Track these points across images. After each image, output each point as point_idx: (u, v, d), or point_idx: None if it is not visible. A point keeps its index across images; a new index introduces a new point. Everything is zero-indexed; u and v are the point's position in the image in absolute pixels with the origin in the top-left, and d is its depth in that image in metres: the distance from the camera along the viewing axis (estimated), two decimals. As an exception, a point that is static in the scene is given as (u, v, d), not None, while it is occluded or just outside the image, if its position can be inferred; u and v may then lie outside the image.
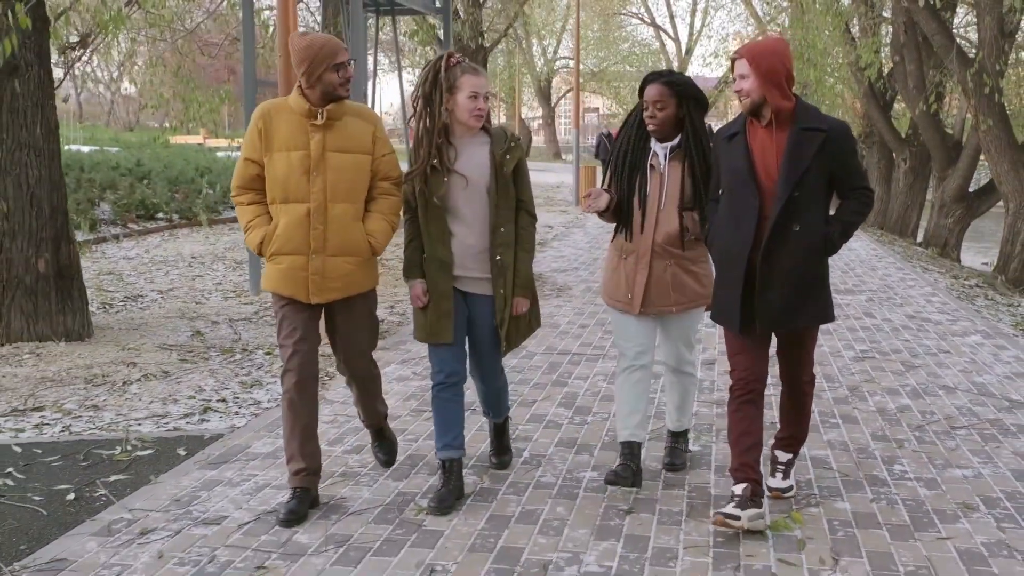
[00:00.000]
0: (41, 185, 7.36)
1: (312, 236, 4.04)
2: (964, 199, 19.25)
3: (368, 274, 4.20)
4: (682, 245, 4.33)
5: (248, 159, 4.10)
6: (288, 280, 4.08)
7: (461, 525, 4.07)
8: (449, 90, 4.09)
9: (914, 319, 8.71)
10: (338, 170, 4.05)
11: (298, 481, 4.14)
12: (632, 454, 4.43)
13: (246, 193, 4.15)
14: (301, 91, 4.06)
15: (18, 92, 7.16)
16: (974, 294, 11.17)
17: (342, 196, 4.07)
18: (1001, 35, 15.31)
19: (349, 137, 4.09)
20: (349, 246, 4.10)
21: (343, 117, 4.09)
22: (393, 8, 11.29)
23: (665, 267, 4.34)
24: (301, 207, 4.03)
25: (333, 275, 4.08)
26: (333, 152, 4.05)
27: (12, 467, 4.83)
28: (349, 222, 4.09)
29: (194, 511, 4.22)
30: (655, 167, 4.32)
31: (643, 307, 4.38)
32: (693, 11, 50.23)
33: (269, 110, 4.10)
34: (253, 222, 4.13)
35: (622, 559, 3.76)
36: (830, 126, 3.90)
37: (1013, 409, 5.78)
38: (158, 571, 3.62)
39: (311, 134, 4.03)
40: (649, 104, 4.25)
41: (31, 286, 7.35)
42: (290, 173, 4.02)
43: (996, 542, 3.90)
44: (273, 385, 6.34)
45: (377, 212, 4.19)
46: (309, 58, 3.98)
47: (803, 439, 4.40)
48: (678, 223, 4.31)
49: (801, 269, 3.93)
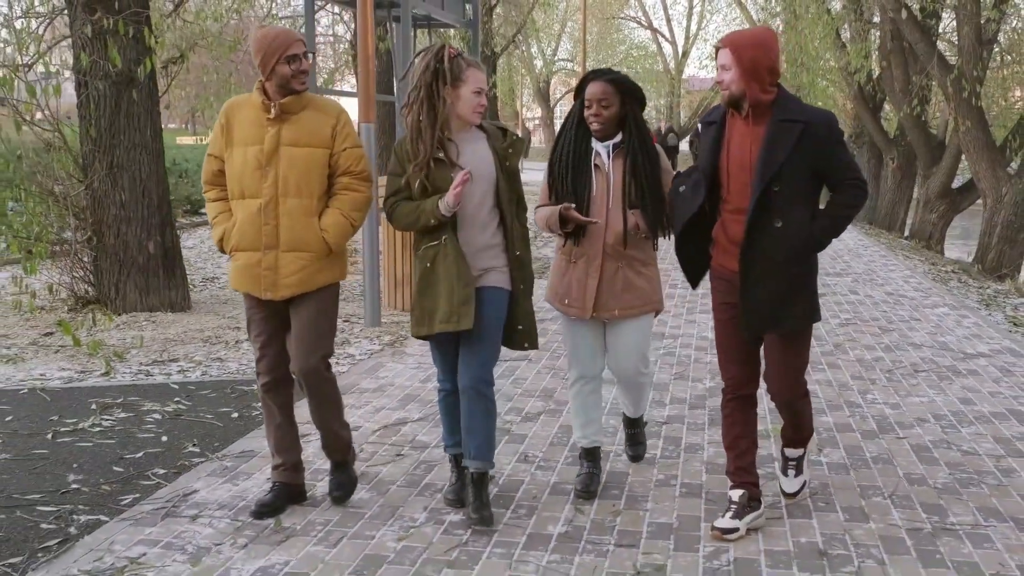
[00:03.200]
0: (151, 179, 8.68)
1: (264, 232, 3.97)
2: (947, 195, 20.58)
3: (326, 270, 4.09)
4: (624, 243, 4.21)
5: (210, 155, 4.10)
6: (244, 276, 4.05)
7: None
8: (453, 82, 3.92)
9: (892, 295, 10.07)
10: (290, 164, 3.95)
11: (276, 475, 4.22)
12: (595, 459, 4.49)
13: (212, 189, 4.14)
14: (261, 85, 4.01)
15: (135, 100, 8.47)
16: (948, 277, 12.54)
17: (293, 191, 3.97)
18: (979, 43, 16.65)
19: (305, 131, 3.98)
20: (301, 242, 3.99)
21: (301, 111, 4.00)
22: (429, 22, 12.61)
23: (616, 269, 4.23)
24: (254, 202, 3.98)
25: (286, 271, 3.99)
26: (287, 146, 3.96)
27: (178, 398, 6.14)
28: (301, 217, 3.98)
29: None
30: (599, 167, 4.19)
31: (595, 311, 4.25)
32: (689, 15, 51.22)
33: (233, 105, 4.08)
34: (217, 218, 4.11)
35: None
36: (809, 117, 3.70)
37: (966, 359, 7.13)
38: (321, 460, 4.94)
39: (267, 128, 3.96)
40: (593, 102, 4.12)
41: (143, 265, 8.67)
42: (245, 168, 3.97)
43: (939, 440, 5.24)
44: (358, 343, 7.67)
45: (334, 207, 4.06)
46: (262, 50, 3.92)
47: (809, 436, 4.29)
48: (625, 222, 4.20)
49: (786, 267, 3.76)
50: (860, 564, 3.73)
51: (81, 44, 8.33)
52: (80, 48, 8.33)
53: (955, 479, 4.64)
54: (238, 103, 4.06)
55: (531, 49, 48.96)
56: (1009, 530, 4.03)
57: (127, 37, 8.13)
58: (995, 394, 6.14)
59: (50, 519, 4.19)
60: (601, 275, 4.22)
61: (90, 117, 8.46)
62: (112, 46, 7.98)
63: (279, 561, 3.74)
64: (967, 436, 5.29)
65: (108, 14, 8.09)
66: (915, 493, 4.45)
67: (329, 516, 4.18)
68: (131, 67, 8.35)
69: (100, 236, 8.56)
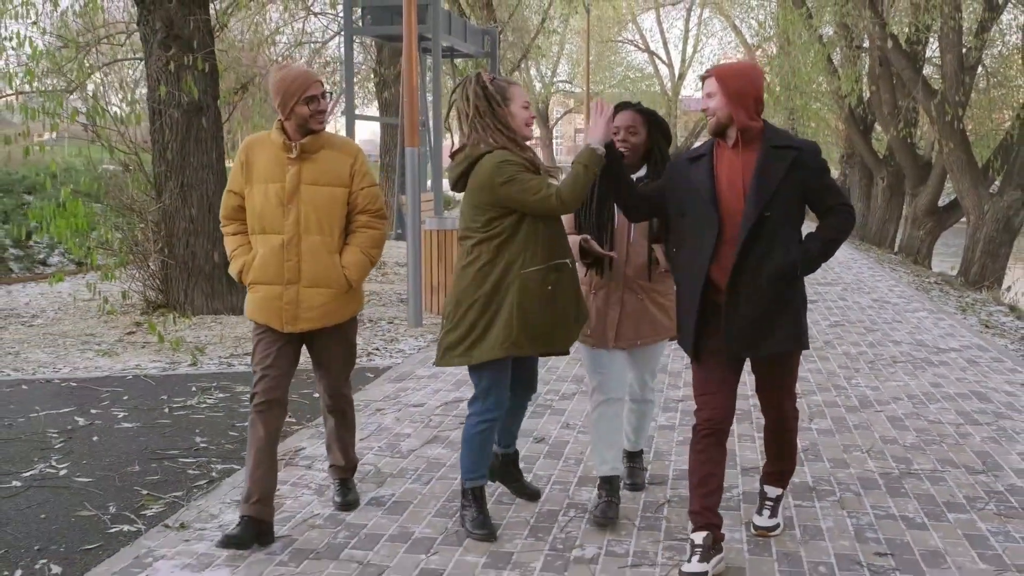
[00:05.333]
0: (216, 196, 9.73)
1: (286, 267, 4.09)
2: (934, 213, 21.70)
3: (345, 305, 4.24)
4: (650, 276, 4.31)
5: (230, 191, 4.21)
6: (264, 309, 4.14)
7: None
8: (504, 102, 4.01)
9: (877, 301, 11.16)
10: (311, 203, 4.08)
11: (245, 509, 4.10)
12: (613, 488, 4.40)
13: (231, 223, 4.24)
14: (280, 124, 4.12)
15: (203, 126, 9.55)
16: (930, 287, 13.64)
17: (315, 228, 4.10)
18: (961, 69, 17.79)
19: (324, 170, 4.11)
20: (323, 278, 4.12)
21: (320, 150, 4.13)
22: (452, 53, 13.77)
23: (637, 300, 4.31)
24: (276, 238, 4.09)
25: (306, 305, 4.12)
26: (308, 185, 4.09)
27: (263, 382, 7.18)
28: (323, 254, 4.12)
29: (402, 398, 6.59)
30: None
31: (616, 341, 4.33)
32: (685, 38, 52.48)
33: (252, 143, 4.18)
34: (235, 252, 4.21)
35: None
36: (800, 144, 3.79)
37: (939, 353, 8.20)
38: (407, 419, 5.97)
39: (287, 167, 4.08)
40: (621, 129, 4.21)
41: (209, 273, 9.72)
42: (266, 205, 4.08)
43: (910, 413, 6.29)
44: (405, 340, 8.72)
45: (354, 245, 4.20)
46: (281, 91, 4.02)
47: (791, 472, 4.26)
48: (647, 255, 4.28)
49: (770, 292, 3.76)
50: (841, 495, 4.77)
51: (156, 77, 9.41)
52: (156, 80, 9.41)
53: (920, 439, 5.69)
54: (257, 141, 4.18)
55: (531, 72, 50.17)
56: (960, 474, 5.07)
57: (198, 71, 9.21)
58: (961, 379, 7.20)
59: (193, 467, 5.23)
60: (622, 307, 4.31)
61: (164, 142, 9.53)
62: (188, 79, 9.05)
63: (386, 494, 4.77)
64: (934, 410, 6.34)
65: (184, 51, 9.17)
66: (887, 449, 5.50)
67: (425, 490, 5.22)
68: (200, 97, 9.43)
69: (171, 247, 9.62)
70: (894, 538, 4.21)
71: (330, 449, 4.61)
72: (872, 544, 4.15)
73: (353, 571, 3.88)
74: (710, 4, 43.79)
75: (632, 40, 54.75)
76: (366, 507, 4.59)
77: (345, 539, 4.20)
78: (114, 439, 5.73)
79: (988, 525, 4.36)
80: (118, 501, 4.71)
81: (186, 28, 9.34)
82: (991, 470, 5.12)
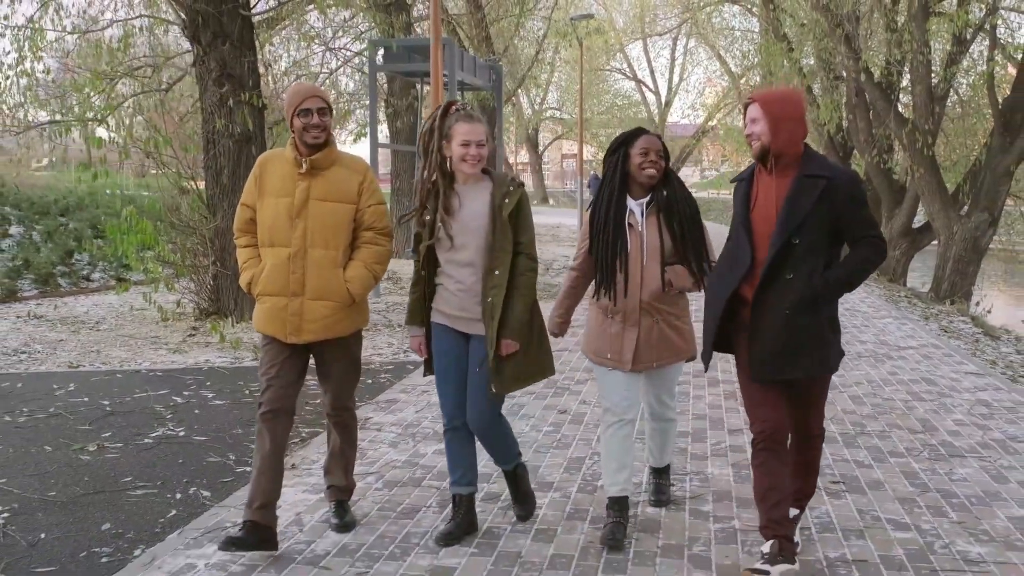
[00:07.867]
0: (261, 216, 10.93)
1: (292, 279, 4.17)
2: (908, 234, 23.00)
3: (348, 318, 4.31)
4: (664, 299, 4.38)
5: (243, 204, 4.32)
6: (270, 320, 4.22)
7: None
8: (445, 137, 4.14)
9: (849, 310, 12.47)
10: (319, 218, 4.17)
11: (249, 514, 4.15)
12: (623, 509, 4.44)
13: (243, 236, 4.34)
14: (293, 141, 4.24)
15: (252, 154, 10.81)
16: (899, 300, 14.96)
17: (320, 242, 4.18)
18: (931, 100, 19.16)
19: (334, 187, 4.21)
20: (326, 291, 4.20)
21: (331, 167, 4.23)
22: (463, 87, 15.10)
23: (652, 324, 4.37)
24: (284, 251, 4.18)
25: (310, 317, 4.20)
26: (316, 200, 4.18)
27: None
28: (327, 267, 4.20)
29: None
30: (633, 225, 4.30)
31: (633, 365, 4.39)
32: (672, 67, 54.20)
33: (267, 159, 4.31)
34: (246, 263, 4.31)
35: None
36: (834, 173, 3.80)
37: (900, 350, 9.49)
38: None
39: (297, 182, 4.19)
40: (651, 151, 4.27)
41: (256, 283, 10.89)
42: (276, 218, 4.18)
43: (868, 393, 7.56)
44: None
45: (359, 260, 4.28)
46: (285, 106, 4.19)
47: (811, 493, 4.28)
48: (661, 279, 4.33)
49: (793, 318, 3.78)
50: (807, 447, 6.02)
51: (211, 110, 10.67)
52: (210, 113, 10.67)
53: (874, 410, 6.95)
54: (271, 156, 4.32)
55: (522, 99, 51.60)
56: (904, 434, 6.34)
57: (251, 105, 10.49)
58: (915, 369, 8.48)
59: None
60: (639, 330, 4.38)
61: (217, 167, 10.78)
62: (242, 112, 10.32)
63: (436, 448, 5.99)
64: (888, 392, 7.61)
65: (237, 88, 10.45)
66: (847, 417, 6.76)
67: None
68: (250, 127, 10.69)
69: (223, 261, 10.84)
70: (847, 473, 5.46)
71: (329, 470, 4.66)
72: (829, 477, 5.40)
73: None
74: (695, 34, 45.40)
75: (620, 69, 56.40)
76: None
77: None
78: (212, 412, 6.96)
79: (920, 466, 5.62)
80: (235, 452, 5.94)
81: (238, 67, 10.62)
82: (928, 431, 6.39)
